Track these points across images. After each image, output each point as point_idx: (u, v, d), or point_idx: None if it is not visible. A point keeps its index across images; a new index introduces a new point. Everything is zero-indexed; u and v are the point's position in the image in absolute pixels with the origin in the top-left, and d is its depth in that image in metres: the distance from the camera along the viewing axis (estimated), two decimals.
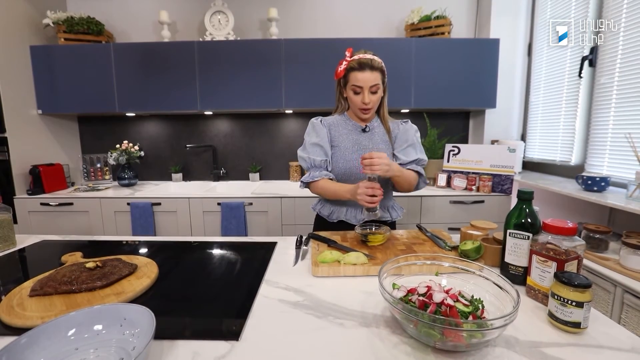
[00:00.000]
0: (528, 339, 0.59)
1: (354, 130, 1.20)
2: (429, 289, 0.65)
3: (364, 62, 1.07)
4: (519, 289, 0.76)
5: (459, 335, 0.53)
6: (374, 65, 1.07)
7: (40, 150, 2.26)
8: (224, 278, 0.86)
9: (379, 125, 1.23)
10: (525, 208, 0.78)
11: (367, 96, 1.09)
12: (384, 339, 0.59)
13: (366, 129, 1.19)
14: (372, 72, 1.07)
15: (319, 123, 1.20)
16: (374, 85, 1.08)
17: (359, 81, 1.08)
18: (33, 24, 2.20)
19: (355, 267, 0.84)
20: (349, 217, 1.19)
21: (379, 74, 1.09)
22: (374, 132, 1.20)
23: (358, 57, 1.09)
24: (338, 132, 1.19)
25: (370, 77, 1.07)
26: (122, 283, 0.79)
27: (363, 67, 1.07)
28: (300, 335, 0.61)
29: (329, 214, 1.22)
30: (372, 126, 1.21)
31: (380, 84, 1.10)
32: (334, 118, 1.23)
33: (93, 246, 1.11)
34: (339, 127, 1.20)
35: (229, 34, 2.27)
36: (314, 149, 1.17)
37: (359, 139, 1.19)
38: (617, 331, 0.62)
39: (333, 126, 1.20)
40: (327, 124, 1.20)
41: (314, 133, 1.19)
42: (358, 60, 1.07)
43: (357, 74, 1.08)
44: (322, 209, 1.25)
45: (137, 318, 0.59)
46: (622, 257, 1.11)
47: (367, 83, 1.08)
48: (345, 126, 1.21)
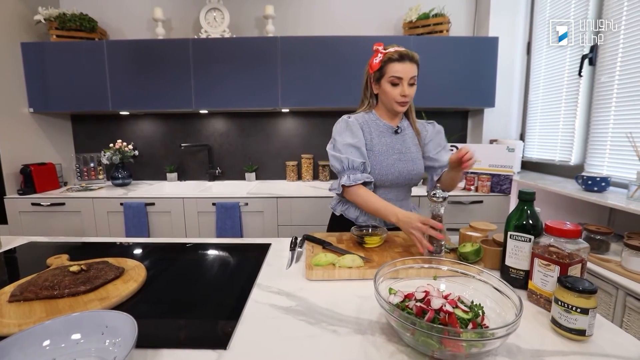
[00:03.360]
0: (531, 348, 0.56)
1: (386, 132, 1.13)
2: (426, 294, 0.62)
3: (405, 53, 1.02)
4: (520, 293, 0.74)
5: (458, 345, 0.50)
6: (414, 57, 1.04)
7: (31, 150, 2.22)
8: (214, 282, 0.83)
9: (408, 126, 1.17)
10: (526, 209, 0.76)
11: (407, 88, 1.04)
12: (380, 347, 0.56)
13: (398, 130, 1.13)
14: (411, 63, 1.03)
15: (355, 122, 1.10)
16: (412, 77, 1.04)
17: (398, 72, 1.02)
18: (24, 20, 2.16)
19: (350, 270, 0.81)
20: (376, 222, 1.11)
21: (416, 67, 1.05)
22: (405, 134, 1.15)
23: (395, 49, 1.04)
24: (370, 133, 1.11)
25: (411, 69, 1.03)
26: (108, 287, 0.76)
27: (403, 58, 1.02)
28: (291, 343, 0.58)
29: (356, 216, 1.15)
30: (403, 127, 1.15)
31: (416, 77, 1.06)
32: (363, 117, 1.14)
33: (82, 248, 1.08)
34: (370, 127, 1.12)
35: (225, 32, 2.23)
36: (350, 149, 1.07)
37: (391, 141, 1.12)
38: (623, 338, 0.59)
39: (365, 126, 1.12)
40: (361, 123, 1.11)
41: (349, 132, 1.08)
42: (398, 52, 1.02)
43: (396, 64, 1.02)
44: (347, 210, 1.16)
45: (119, 326, 0.56)
46: (624, 259, 1.08)
47: (408, 74, 1.03)
48: (377, 127, 1.13)
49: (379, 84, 1.09)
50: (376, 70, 1.07)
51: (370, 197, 1.04)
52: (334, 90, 2.13)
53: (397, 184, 1.13)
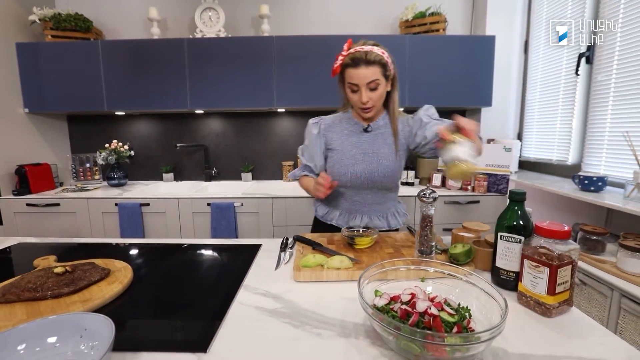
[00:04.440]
0: (518, 351, 0.55)
1: (355, 131, 1.08)
2: (412, 296, 0.61)
3: (358, 57, 0.93)
4: (511, 295, 0.73)
5: (441, 349, 0.49)
6: (370, 59, 0.93)
7: (27, 150, 2.21)
8: (200, 283, 0.82)
9: (387, 124, 1.09)
10: (517, 209, 0.74)
11: (364, 94, 0.96)
12: (363, 351, 0.55)
13: (368, 129, 1.08)
14: (367, 67, 0.93)
15: (313, 125, 1.13)
16: (371, 81, 0.95)
17: (353, 78, 0.96)
18: (19, 20, 2.15)
19: (339, 271, 0.80)
20: (340, 223, 1.13)
21: (377, 68, 0.94)
22: (377, 134, 1.08)
23: (353, 50, 0.95)
24: (336, 133, 1.09)
25: (366, 73, 0.94)
26: (92, 289, 0.75)
27: (357, 62, 0.94)
28: (273, 346, 0.56)
29: (323, 214, 1.17)
30: (377, 125, 1.08)
31: (380, 78, 0.96)
32: (334, 117, 1.13)
33: (71, 249, 1.07)
34: (339, 127, 1.10)
35: (220, 31, 2.22)
36: (305, 150, 1.15)
37: (359, 140, 1.08)
38: (612, 341, 0.58)
39: (331, 127, 1.11)
40: (325, 125, 1.11)
41: (307, 135, 1.15)
42: (351, 56, 0.94)
43: (351, 70, 0.95)
44: (318, 207, 1.20)
45: (97, 328, 0.54)
46: (619, 259, 1.07)
47: (363, 80, 0.95)
48: (347, 126, 1.10)
49: (343, 87, 1.03)
50: (337, 75, 1.02)
51: (304, 179, 1.13)
52: (330, 89, 2.10)
53: (359, 187, 1.09)
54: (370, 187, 1.09)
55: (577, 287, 1.18)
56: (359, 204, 1.10)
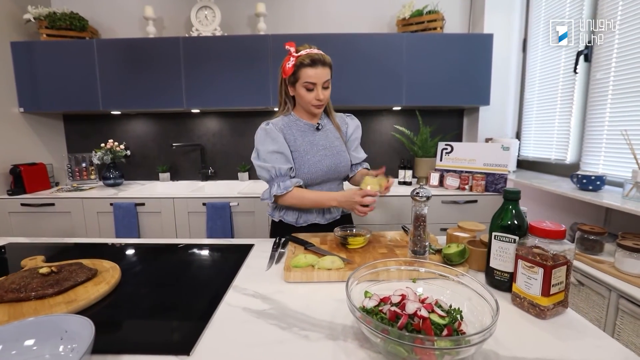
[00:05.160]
0: (510, 354, 0.53)
1: (308, 130, 1.13)
2: (403, 297, 0.59)
3: (316, 57, 1.01)
4: (505, 296, 0.71)
5: (429, 353, 0.47)
6: (325, 61, 1.03)
7: (22, 150, 2.20)
8: (189, 284, 0.81)
9: (329, 121, 1.20)
10: (511, 209, 0.73)
11: (320, 92, 1.05)
12: (350, 354, 0.53)
13: (319, 127, 1.15)
14: (323, 67, 1.03)
15: (273, 128, 1.08)
16: (326, 80, 1.05)
17: (311, 77, 1.02)
18: (14, 19, 2.14)
19: (329, 272, 0.78)
20: (318, 220, 1.14)
21: (328, 69, 1.05)
22: (326, 130, 1.17)
23: (306, 52, 1.03)
24: (292, 134, 1.11)
25: (323, 73, 1.03)
26: (78, 290, 0.73)
27: (315, 63, 1.01)
28: (258, 349, 0.55)
29: (295, 219, 1.14)
30: (323, 123, 1.17)
31: (330, 79, 1.07)
32: (282, 120, 1.12)
33: (61, 249, 1.05)
34: (291, 129, 1.11)
35: (216, 30, 2.21)
36: (274, 156, 1.06)
37: (314, 139, 1.13)
38: (608, 343, 0.56)
39: (285, 129, 1.10)
40: (280, 128, 1.09)
41: (270, 140, 1.07)
42: (309, 56, 1.01)
43: (308, 70, 1.02)
44: (284, 215, 1.15)
45: (78, 330, 0.53)
46: (617, 259, 1.05)
47: (321, 79, 1.03)
48: (297, 127, 1.13)
49: (294, 87, 1.08)
50: (290, 75, 1.05)
51: (305, 193, 1.06)
52: None
53: (327, 180, 1.15)
54: (334, 179, 1.17)
55: (575, 287, 1.17)
56: None
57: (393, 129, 2.46)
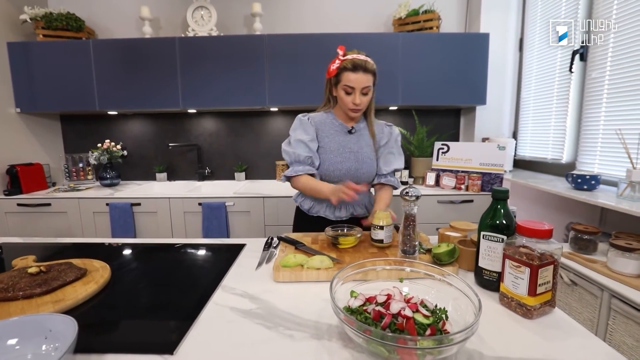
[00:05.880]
0: (494, 354, 0.53)
1: (340, 131, 1.17)
2: (389, 297, 0.59)
3: (358, 63, 1.05)
4: (494, 295, 0.71)
5: (411, 353, 0.47)
6: (368, 68, 1.06)
7: (19, 150, 2.20)
8: (178, 283, 0.81)
9: (365, 127, 1.21)
10: (500, 208, 0.73)
11: (358, 97, 1.07)
12: (334, 353, 0.53)
13: (352, 131, 1.17)
14: (365, 74, 1.06)
15: (307, 121, 1.16)
16: (365, 87, 1.07)
17: (351, 82, 1.06)
18: (10, 19, 2.14)
19: (318, 271, 0.78)
20: (327, 214, 1.18)
21: (371, 76, 1.08)
22: (360, 135, 1.19)
23: (352, 57, 1.06)
24: (324, 131, 1.16)
25: (363, 79, 1.06)
26: (66, 290, 0.73)
27: (357, 68, 1.05)
28: (243, 348, 0.55)
29: (309, 208, 1.20)
30: (359, 128, 1.19)
31: (371, 86, 1.09)
32: (320, 116, 1.19)
33: (54, 249, 1.05)
34: (325, 126, 1.17)
35: (212, 30, 2.21)
36: (299, 145, 1.13)
37: (344, 140, 1.16)
38: (594, 343, 0.56)
39: (321, 125, 1.17)
40: (316, 122, 1.17)
41: (302, 129, 1.15)
42: (352, 61, 1.05)
43: (349, 74, 1.05)
44: (303, 202, 1.22)
45: (62, 330, 0.53)
46: (610, 259, 1.05)
47: (360, 84, 1.06)
48: (332, 126, 1.17)
49: (336, 88, 1.12)
50: (333, 76, 1.11)
51: (309, 180, 1.11)
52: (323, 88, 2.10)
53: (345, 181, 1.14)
54: (355, 182, 1.12)
55: (568, 287, 1.16)
56: None
57: None
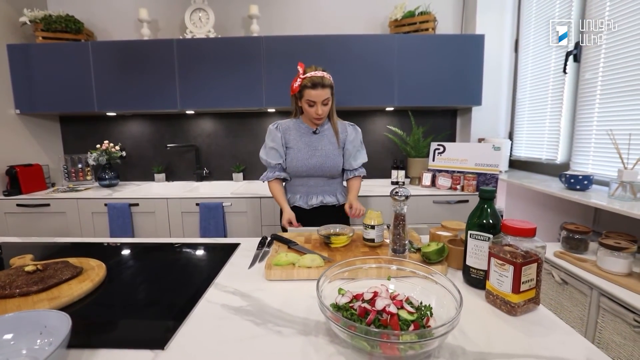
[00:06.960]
0: (476, 350, 0.55)
1: (306, 133, 1.38)
2: (375, 294, 0.61)
3: (317, 81, 1.23)
4: (481, 293, 0.73)
5: (393, 347, 0.48)
6: (325, 83, 1.24)
7: (18, 151, 2.22)
8: (172, 281, 0.82)
9: (329, 128, 1.40)
10: (486, 208, 0.74)
11: (320, 108, 1.27)
12: (320, 349, 0.55)
13: (316, 131, 1.38)
14: (323, 89, 1.24)
15: (274, 129, 1.38)
16: (325, 99, 1.27)
17: (312, 97, 1.25)
18: (10, 22, 2.16)
19: (309, 270, 0.80)
20: (301, 203, 1.41)
21: (329, 89, 1.27)
22: (323, 134, 1.39)
23: (310, 75, 1.24)
24: (292, 135, 1.38)
25: (322, 93, 1.25)
26: (62, 287, 0.75)
27: (316, 85, 1.23)
28: (232, 344, 0.56)
29: (289, 198, 1.44)
30: (322, 129, 1.39)
31: (330, 97, 1.29)
32: (289, 122, 1.40)
33: (52, 248, 1.07)
34: (293, 130, 1.38)
35: (210, 32, 2.22)
36: (271, 152, 1.37)
37: (310, 140, 1.37)
38: (574, 339, 0.57)
39: (288, 130, 1.38)
40: (282, 129, 1.38)
41: (270, 138, 1.38)
42: (311, 79, 1.23)
43: (310, 91, 1.24)
44: (289, 195, 1.46)
45: (57, 325, 0.55)
46: (599, 258, 1.06)
47: (320, 98, 1.25)
48: (299, 130, 1.39)
49: (300, 101, 1.31)
50: (296, 92, 1.30)
51: (277, 191, 1.39)
52: None
53: (313, 175, 1.38)
54: (321, 175, 1.39)
55: (559, 286, 1.18)
56: (314, 187, 1.40)
57: (386, 129, 2.47)
